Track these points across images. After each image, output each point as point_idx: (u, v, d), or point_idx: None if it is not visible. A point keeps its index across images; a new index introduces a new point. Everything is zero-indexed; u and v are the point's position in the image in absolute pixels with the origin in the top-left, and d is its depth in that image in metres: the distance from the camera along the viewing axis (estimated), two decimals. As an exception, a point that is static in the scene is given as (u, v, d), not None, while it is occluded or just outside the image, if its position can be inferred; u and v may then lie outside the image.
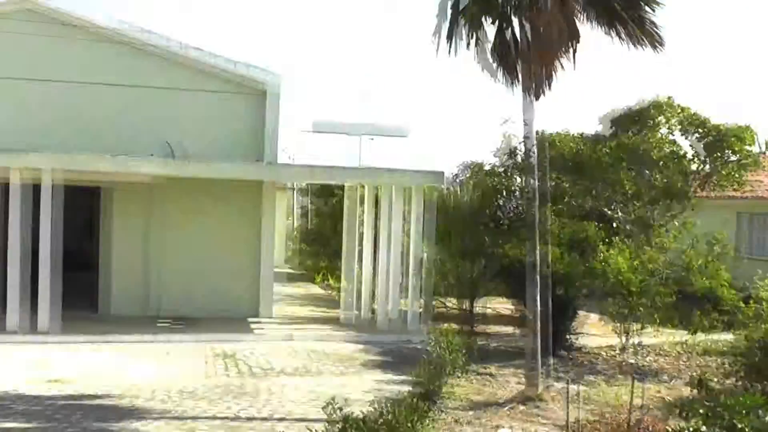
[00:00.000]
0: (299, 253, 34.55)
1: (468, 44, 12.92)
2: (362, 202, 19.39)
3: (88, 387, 12.27)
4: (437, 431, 10.40)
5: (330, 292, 25.13)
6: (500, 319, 19.74)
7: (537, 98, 12.83)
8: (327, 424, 6.94)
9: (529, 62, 12.57)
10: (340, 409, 7.15)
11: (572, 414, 10.78)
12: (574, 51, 12.81)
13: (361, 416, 7.02)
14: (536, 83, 12.75)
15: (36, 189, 15.99)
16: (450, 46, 13.10)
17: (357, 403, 10.29)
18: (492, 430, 10.60)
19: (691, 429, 5.76)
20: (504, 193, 22.38)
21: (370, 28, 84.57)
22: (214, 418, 10.74)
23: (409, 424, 7.17)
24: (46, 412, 10.83)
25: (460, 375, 13.66)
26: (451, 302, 20.49)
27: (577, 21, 12.93)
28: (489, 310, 20.56)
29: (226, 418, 10.78)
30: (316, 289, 26.31)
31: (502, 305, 20.35)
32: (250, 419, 10.76)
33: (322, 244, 27.73)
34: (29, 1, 18.04)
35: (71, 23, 18.24)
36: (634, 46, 12.93)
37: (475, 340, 16.28)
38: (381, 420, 6.98)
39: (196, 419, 10.64)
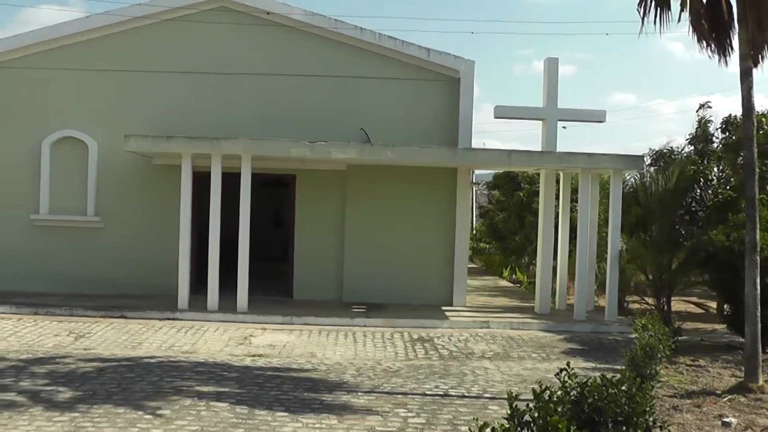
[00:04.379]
0: (482, 252, 34.29)
1: (681, 10, 12.21)
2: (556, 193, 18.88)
3: (292, 362, 12.46)
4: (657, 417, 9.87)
5: (519, 285, 24.79)
6: (694, 316, 18.88)
7: (755, 65, 12.02)
8: (562, 389, 6.58)
9: (747, 26, 11.76)
10: (575, 375, 6.78)
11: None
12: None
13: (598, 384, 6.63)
14: (754, 49, 11.95)
15: (234, 177, 16.45)
16: (658, 16, 12.49)
17: (566, 387, 9.94)
18: (715, 419, 9.93)
19: None
20: (702, 182, 21.34)
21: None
22: (424, 395, 10.58)
23: (645, 396, 6.73)
24: (257, 380, 11.04)
25: (668, 365, 13.08)
26: (647, 296, 19.67)
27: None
28: (683, 306, 19.68)
29: (436, 395, 10.60)
30: (504, 283, 26.00)
31: (698, 302, 19.44)
32: (461, 397, 10.56)
33: (508, 238, 27.36)
34: (225, -1, 18.71)
35: (264, 16, 18.68)
36: None
37: (679, 331, 15.61)
38: (622, 389, 6.58)
39: (407, 395, 10.51)
